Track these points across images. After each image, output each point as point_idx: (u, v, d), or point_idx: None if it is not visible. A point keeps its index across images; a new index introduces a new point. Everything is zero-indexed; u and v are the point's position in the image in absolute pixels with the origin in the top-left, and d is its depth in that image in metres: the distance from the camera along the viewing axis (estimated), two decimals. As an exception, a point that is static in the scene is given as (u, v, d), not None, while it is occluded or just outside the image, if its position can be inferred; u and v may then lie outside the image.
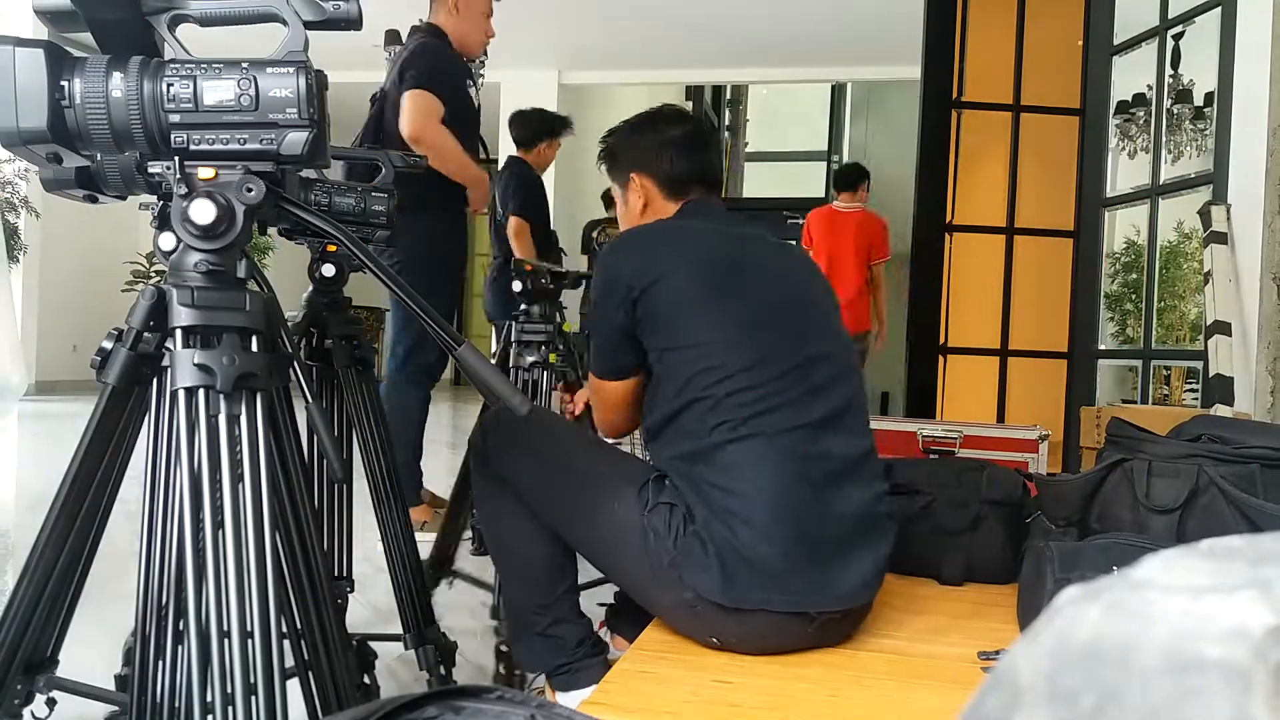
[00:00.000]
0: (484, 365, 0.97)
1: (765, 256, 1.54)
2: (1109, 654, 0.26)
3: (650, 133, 1.64)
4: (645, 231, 1.56)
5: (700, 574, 1.34)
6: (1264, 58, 2.62)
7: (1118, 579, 0.29)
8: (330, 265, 1.61)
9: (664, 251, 1.48)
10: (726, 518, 1.34)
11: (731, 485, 1.35)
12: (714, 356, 1.40)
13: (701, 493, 1.37)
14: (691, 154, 1.62)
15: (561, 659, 1.54)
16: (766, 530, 1.33)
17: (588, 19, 7.10)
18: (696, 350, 1.41)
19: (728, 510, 1.34)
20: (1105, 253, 3.83)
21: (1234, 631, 0.25)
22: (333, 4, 0.86)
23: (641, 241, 1.53)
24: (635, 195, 1.64)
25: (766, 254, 1.55)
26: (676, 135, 1.62)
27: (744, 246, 1.53)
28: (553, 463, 1.52)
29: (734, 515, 1.34)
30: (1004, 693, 0.29)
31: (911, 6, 4.08)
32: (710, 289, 1.45)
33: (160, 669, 0.86)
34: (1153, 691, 0.25)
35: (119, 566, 2.16)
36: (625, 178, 1.66)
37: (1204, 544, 0.30)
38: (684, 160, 1.61)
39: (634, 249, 1.52)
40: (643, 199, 1.64)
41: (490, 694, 0.51)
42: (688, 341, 1.42)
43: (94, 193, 0.92)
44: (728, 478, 1.36)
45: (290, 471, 0.96)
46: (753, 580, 1.32)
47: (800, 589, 1.34)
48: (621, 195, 1.69)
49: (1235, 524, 1.43)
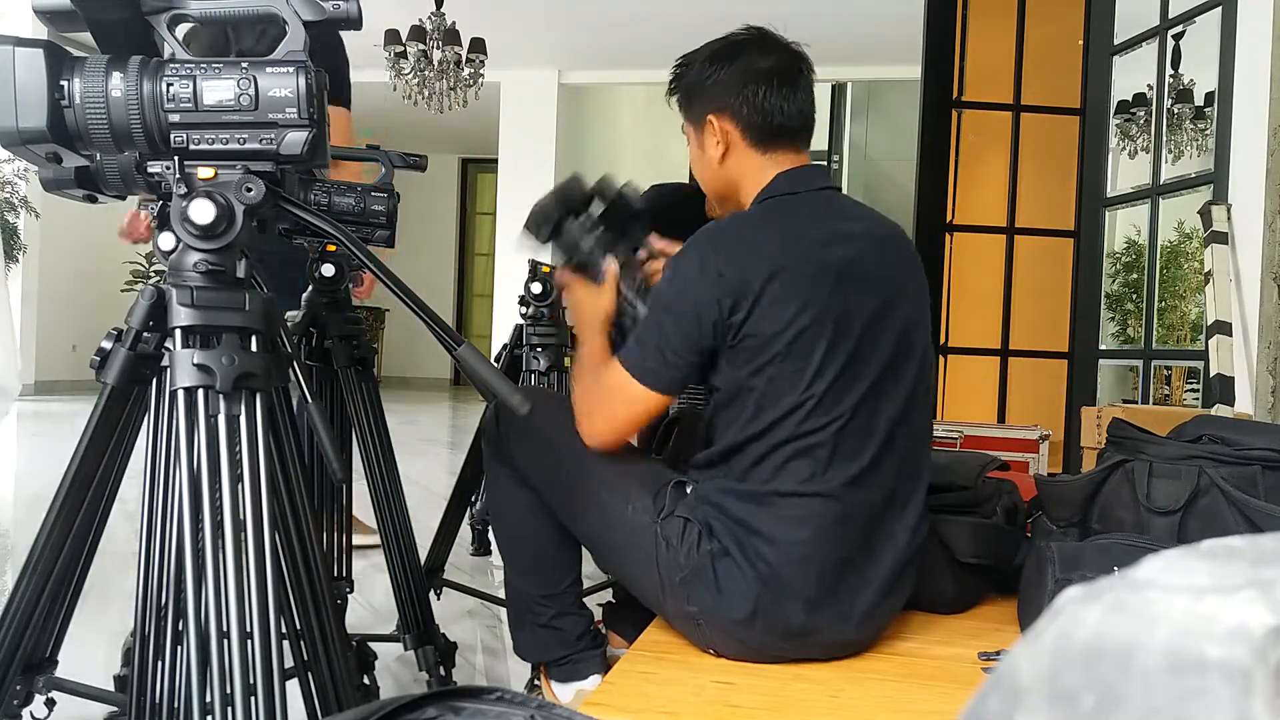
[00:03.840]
0: (484, 365, 0.97)
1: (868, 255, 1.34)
2: (1110, 654, 0.26)
3: (734, 63, 1.38)
4: (752, 230, 1.34)
5: (710, 599, 1.31)
6: (1264, 58, 2.62)
7: (1119, 579, 0.29)
8: (330, 265, 1.61)
9: (772, 261, 1.27)
10: (758, 562, 1.28)
11: (776, 535, 1.28)
12: (814, 398, 1.26)
13: (736, 533, 1.30)
14: (785, 93, 1.36)
15: (562, 650, 1.53)
16: (796, 588, 1.28)
17: (588, 19, 7.09)
18: (797, 388, 1.26)
19: (763, 559, 1.28)
20: (1106, 252, 3.82)
21: (1235, 632, 0.25)
22: (333, 4, 0.86)
23: (748, 243, 1.31)
24: (713, 141, 1.40)
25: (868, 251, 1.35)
26: (767, 67, 1.36)
27: (849, 247, 1.33)
28: (566, 456, 1.44)
29: (770, 565, 1.28)
30: (1005, 693, 0.29)
31: (911, 6, 4.08)
32: (823, 318, 1.26)
33: (159, 669, 0.86)
34: (1154, 692, 0.25)
35: (119, 566, 2.17)
36: (701, 119, 1.41)
37: (1205, 545, 0.30)
38: (777, 100, 1.36)
39: (738, 249, 1.29)
40: (723, 146, 1.40)
41: (490, 694, 0.51)
42: (791, 386, 1.26)
43: (93, 192, 0.92)
44: (775, 527, 1.28)
45: (290, 471, 0.96)
46: (768, 628, 1.30)
47: (815, 643, 1.34)
48: (696, 138, 1.44)
49: (1236, 525, 1.43)
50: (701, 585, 1.31)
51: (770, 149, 1.39)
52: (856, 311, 1.30)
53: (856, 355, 1.29)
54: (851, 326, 1.29)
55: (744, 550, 1.29)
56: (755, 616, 1.29)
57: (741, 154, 1.40)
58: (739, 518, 1.30)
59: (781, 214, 1.36)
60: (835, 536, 1.29)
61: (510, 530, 1.58)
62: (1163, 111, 3.40)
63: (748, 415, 1.29)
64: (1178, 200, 3.36)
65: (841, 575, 1.30)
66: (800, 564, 1.28)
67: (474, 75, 6.48)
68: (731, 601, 1.29)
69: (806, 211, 1.37)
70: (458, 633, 2.01)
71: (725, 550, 1.30)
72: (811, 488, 1.27)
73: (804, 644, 1.33)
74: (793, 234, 1.33)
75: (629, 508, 1.40)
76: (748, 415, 1.29)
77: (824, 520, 1.28)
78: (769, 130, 1.38)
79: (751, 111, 1.37)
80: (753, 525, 1.29)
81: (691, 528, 1.33)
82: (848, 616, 1.32)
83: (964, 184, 3.89)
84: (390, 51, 6.32)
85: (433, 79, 6.34)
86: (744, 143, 1.39)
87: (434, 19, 6.27)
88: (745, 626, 1.30)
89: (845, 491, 1.28)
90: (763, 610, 1.28)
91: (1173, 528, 1.48)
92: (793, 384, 1.27)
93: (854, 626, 1.34)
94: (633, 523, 1.39)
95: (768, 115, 1.37)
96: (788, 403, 1.27)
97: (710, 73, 1.40)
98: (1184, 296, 5.25)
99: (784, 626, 1.30)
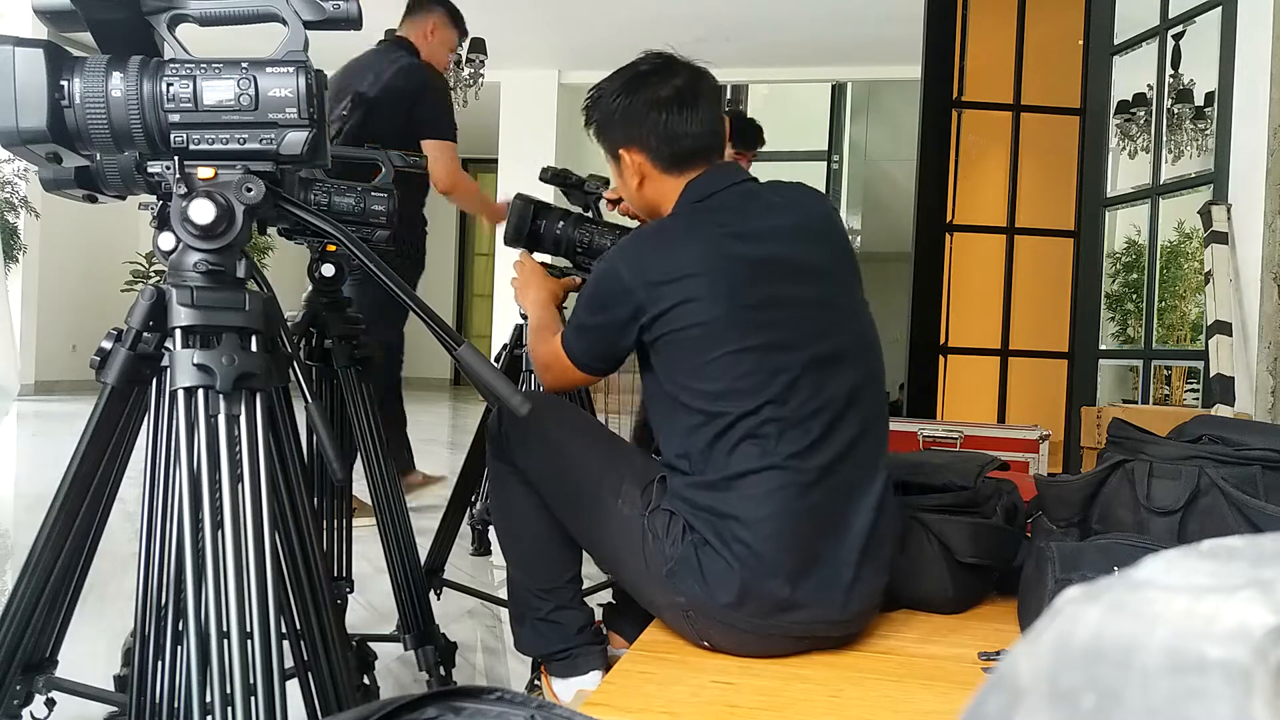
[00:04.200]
0: (484, 365, 0.97)
1: (789, 249, 1.40)
2: (1110, 654, 0.26)
3: (636, 96, 1.43)
4: (657, 241, 1.41)
5: (696, 586, 1.34)
6: (1264, 58, 2.62)
7: (1119, 579, 0.29)
8: (330, 265, 1.61)
9: (679, 265, 1.35)
10: (734, 544, 1.32)
11: (744, 514, 1.32)
12: (741, 391, 1.32)
13: (710, 522, 1.34)
14: (687, 115, 1.42)
15: (561, 645, 1.55)
16: (775, 563, 1.31)
17: (588, 19, 7.09)
18: (719, 379, 1.33)
19: (739, 540, 1.32)
20: (1106, 252, 3.82)
21: (1235, 632, 0.25)
22: (333, 4, 0.86)
23: (654, 254, 1.38)
24: (630, 173, 1.48)
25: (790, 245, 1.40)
26: (667, 95, 1.42)
27: (767, 243, 1.39)
28: (563, 454, 1.51)
29: (746, 545, 1.31)
30: (1005, 693, 0.29)
31: (911, 6, 4.08)
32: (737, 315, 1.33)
33: (159, 669, 0.86)
34: (1154, 691, 0.25)
35: (119, 566, 2.17)
36: (614, 153, 1.49)
37: (1205, 545, 0.30)
38: (681, 125, 1.42)
39: (645, 262, 1.37)
40: (638, 176, 1.47)
41: (490, 694, 0.51)
42: (713, 377, 1.33)
43: (94, 193, 0.92)
44: (742, 507, 1.32)
45: (290, 471, 0.96)
46: (755, 609, 1.32)
47: (803, 618, 1.35)
48: (614, 168, 1.52)
49: (1236, 526, 1.43)
50: (688, 574, 1.34)
51: (683, 170, 1.46)
52: (775, 301, 1.36)
53: (779, 341, 1.34)
54: (770, 314, 1.35)
55: (721, 536, 1.33)
56: (741, 597, 1.31)
57: (656, 180, 1.47)
58: (707, 506, 1.35)
59: (696, 217, 1.42)
60: (801, 508, 1.33)
61: (511, 526, 1.60)
62: (1163, 111, 3.40)
63: (683, 418, 1.37)
64: (1178, 200, 3.36)
65: (816, 545, 1.34)
66: (775, 539, 1.31)
67: (474, 75, 6.49)
68: (717, 587, 1.32)
69: (724, 213, 1.41)
70: (458, 633, 2.01)
71: (705, 539, 1.34)
72: (764, 462, 1.32)
73: (794, 622, 1.34)
74: (707, 234, 1.39)
75: (620, 503, 1.43)
76: (683, 418, 1.37)
77: (787, 492, 1.32)
78: (679, 155, 1.45)
79: (659, 142, 1.44)
80: (721, 510, 1.34)
81: (676, 520, 1.37)
82: (831, 587, 1.34)
83: (964, 184, 3.89)
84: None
85: (433, 79, 6.33)
86: (656, 170, 1.47)
87: (434, 19, 6.26)
88: (733, 610, 1.32)
89: (798, 462, 1.33)
90: (747, 590, 1.31)
91: (1173, 528, 1.48)
92: (715, 375, 1.34)
93: (839, 601, 1.35)
94: (624, 517, 1.42)
95: (674, 142, 1.44)
96: (715, 391, 1.33)
97: (615, 107, 1.47)
98: (1184, 296, 5.24)
99: (770, 603, 1.32)
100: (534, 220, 1.84)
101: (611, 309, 1.41)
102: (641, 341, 1.41)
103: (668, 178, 1.46)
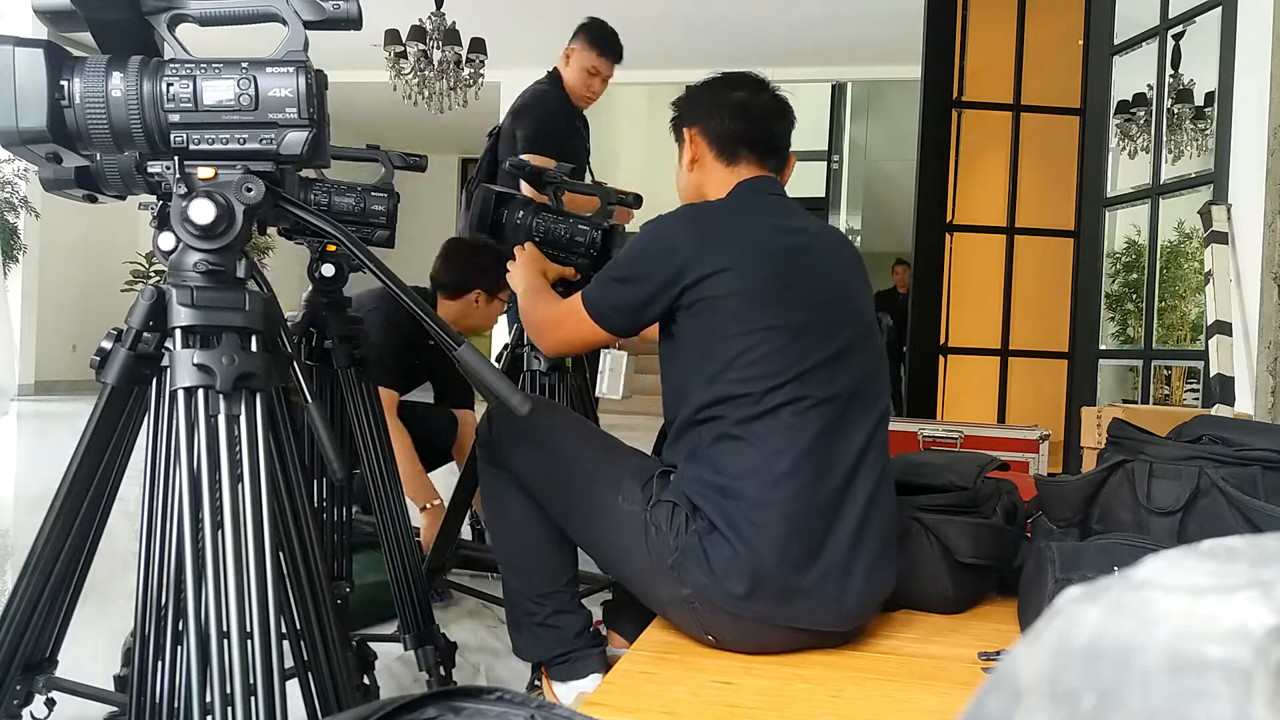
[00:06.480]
0: (483, 365, 0.97)
1: (819, 247, 1.50)
2: (1110, 654, 0.26)
3: (713, 91, 1.60)
4: (709, 214, 1.50)
5: (703, 576, 1.34)
6: (1264, 57, 2.62)
7: (1119, 579, 0.29)
8: (330, 265, 1.61)
9: (726, 238, 1.43)
10: (740, 523, 1.33)
11: (757, 496, 1.33)
12: (769, 370, 1.37)
13: (719, 505, 1.35)
14: (748, 118, 1.56)
15: (560, 649, 1.55)
16: (785, 548, 1.32)
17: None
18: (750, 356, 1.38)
19: (746, 519, 1.33)
20: (1106, 252, 3.82)
21: (1235, 632, 0.25)
22: (333, 4, 0.86)
23: (705, 224, 1.47)
24: (687, 151, 1.61)
25: (820, 258, 1.50)
26: (738, 98, 1.57)
27: (801, 237, 1.49)
28: (558, 456, 1.52)
29: (753, 525, 1.32)
30: (1005, 693, 0.29)
31: (911, 6, 4.08)
32: (773, 294, 1.41)
33: (159, 669, 0.85)
34: (1154, 692, 0.25)
35: (119, 566, 2.17)
36: (682, 133, 1.63)
37: (1205, 544, 0.30)
38: (738, 122, 1.55)
39: (696, 228, 1.46)
40: (692, 154, 1.60)
41: (490, 694, 0.51)
42: (744, 349, 1.38)
43: (94, 193, 0.92)
44: (754, 489, 1.34)
45: (290, 471, 0.96)
46: (760, 594, 1.32)
47: (807, 608, 1.35)
48: (679, 151, 1.66)
49: (1236, 526, 1.43)
50: (693, 563, 1.35)
51: (734, 162, 1.56)
52: (807, 287, 1.44)
53: (807, 324, 1.40)
54: (801, 296, 1.42)
55: (728, 518, 1.34)
56: (749, 586, 1.32)
57: (708, 164, 1.58)
58: (717, 486, 1.36)
59: (744, 201, 1.53)
60: (811, 495, 1.34)
61: (506, 533, 1.60)
62: (1163, 111, 3.39)
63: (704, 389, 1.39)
64: (1178, 200, 3.36)
65: (821, 534, 1.35)
66: (785, 523, 1.32)
67: (474, 75, 6.49)
68: (724, 577, 1.33)
69: (767, 209, 1.52)
70: (458, 633, 2.01)
71: (712, 525, 1.34)
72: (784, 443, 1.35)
73: (797, 610, 1.35)
74: (754, 219, 1.48)
75: (620, 499, 1.44)
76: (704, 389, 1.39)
77: (799, 478, 1.34)
78: (729, 143, 1.56)
79: (717, 127, 1.56)
80: (732, 491, 1.35)
81: (679, 511, 1.38)
82: (833, 578, 1.35)
83: (964, 184, 3.89)
84: (390, 51, 6.32)
85: (433, 79, 6.35)
86: (710, 154, 1.57)
87: (434, 19, 6.27)
88: (738, 597, 1.32)
89: (815, 449, 1.36)
90: (755, 577, 1.32)
91: (1173, 528, 1.48)
92: (747, 346, 1.37)
93: (840, 593, 1.35)
94: (624, 514, 1.42)
95: (729, 131, 1.55)
96: (744, 363, 1.37)
97: (702, 88, 1.61)
98: (1184, 296, 5.24)
99: (778, 591, 1.32)
100: (496, 209, 1.92)
101: (654, 267, 1.44)
102: (676, 308, 1.43)
103: (718, 165, 1.56)
